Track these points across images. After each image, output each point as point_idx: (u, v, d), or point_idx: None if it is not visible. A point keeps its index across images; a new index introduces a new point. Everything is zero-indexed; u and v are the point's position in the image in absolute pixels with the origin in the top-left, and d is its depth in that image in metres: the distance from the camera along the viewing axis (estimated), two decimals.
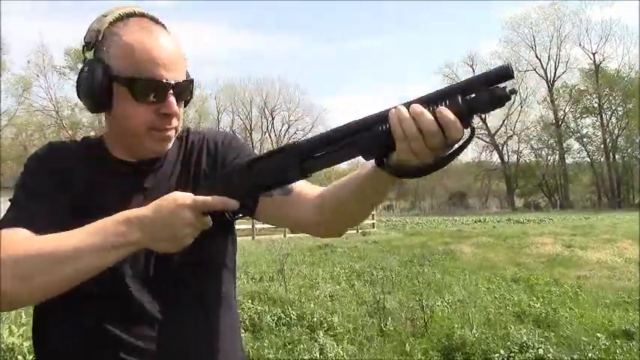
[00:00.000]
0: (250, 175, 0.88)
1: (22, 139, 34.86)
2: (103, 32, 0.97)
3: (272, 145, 45.65)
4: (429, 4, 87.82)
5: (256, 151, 1.11)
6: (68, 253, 0.83)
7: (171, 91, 0.96)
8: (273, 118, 50.29)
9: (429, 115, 0.75)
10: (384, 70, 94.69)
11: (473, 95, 0.75)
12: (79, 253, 0.83)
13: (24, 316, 4.01)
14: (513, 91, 0.75)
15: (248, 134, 49.21)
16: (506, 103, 0.75)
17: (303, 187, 1.02)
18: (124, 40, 0.95)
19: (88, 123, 34.73)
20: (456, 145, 0.78)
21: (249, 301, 5.68)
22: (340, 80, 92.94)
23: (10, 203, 0.98)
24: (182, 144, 1.10)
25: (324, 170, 0.88)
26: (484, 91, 0.75)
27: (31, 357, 3.66)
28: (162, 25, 1.01)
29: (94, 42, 0.97)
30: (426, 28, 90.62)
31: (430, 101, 0.77)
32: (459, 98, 0.75)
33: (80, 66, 0.99)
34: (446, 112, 0.74)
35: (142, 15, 0.99)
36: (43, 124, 34.79)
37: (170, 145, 1.03)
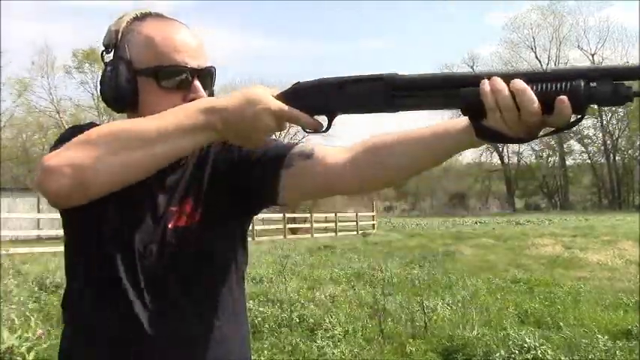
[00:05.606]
0: (340, 95, 0.83)
1: (22, 140, 34.86)
2: (122, 31, 0.97)
3: None
4: (429, 5, 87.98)
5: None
6: (154, 131, 0.83)
7: (196, 77, 0.96)
8: None
9: (531, 94, 0.69)
10: (384, 70, 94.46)
11: (595, 85, 0.69)
12: (165, 130, 0.83)
13: (16, 321, 4.05)
14: (637, 94, 0.68)
15: None
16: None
17: (325, 147, 0.98)
18: (144, 33, 0.96)
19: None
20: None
21: (250, 302, 5.69)
22: None
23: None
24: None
25: None
26: (607, 84, 0.68)
27: (30, 357, 3.67)
28: (180, 22, 1.02)
29: (114, 42, 0.97)
30: (427, 28, 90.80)
31: (538, 79, 0.71)
32: (582, 84, 0.68)
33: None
34: (562, 99, 0.68)
35: (158, 15, 1.01)
36: (43, 125, 34.76)
37: None
